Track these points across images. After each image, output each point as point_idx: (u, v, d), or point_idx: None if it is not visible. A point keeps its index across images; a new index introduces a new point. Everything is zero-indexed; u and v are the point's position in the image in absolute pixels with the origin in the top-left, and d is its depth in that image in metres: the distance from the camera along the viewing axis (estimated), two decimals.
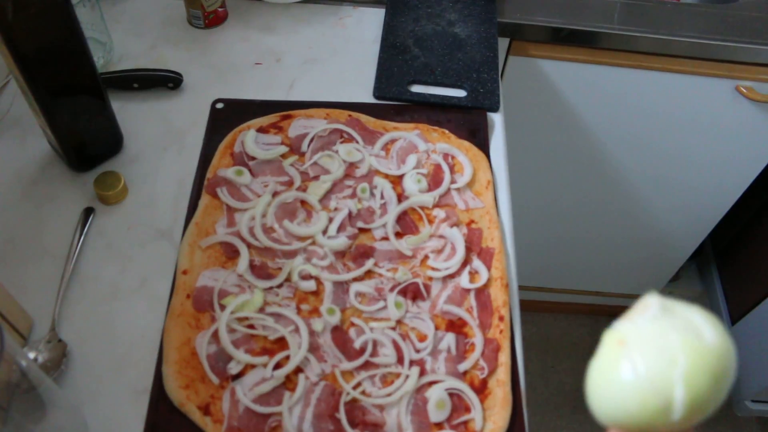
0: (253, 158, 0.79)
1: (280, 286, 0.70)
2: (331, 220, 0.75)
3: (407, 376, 0.64)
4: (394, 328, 0.68)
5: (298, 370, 0.64)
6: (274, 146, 0.80)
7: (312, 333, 0.66)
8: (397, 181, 0.79)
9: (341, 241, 0.73)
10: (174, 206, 0.77)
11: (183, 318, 0.66)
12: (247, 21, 1.00)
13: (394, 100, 0.88)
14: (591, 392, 0.32)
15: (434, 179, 0.79)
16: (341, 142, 0.82)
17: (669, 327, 0.30)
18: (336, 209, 0.76)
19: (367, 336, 0.67)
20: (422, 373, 0.65)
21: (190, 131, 0.85)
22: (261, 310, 0.67)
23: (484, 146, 0.83)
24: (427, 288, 0.71)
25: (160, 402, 0.61)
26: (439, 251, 0.73)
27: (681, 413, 0.29)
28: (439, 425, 0.62)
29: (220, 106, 0.86)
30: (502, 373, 0.64)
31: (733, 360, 0.30)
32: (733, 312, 1.59)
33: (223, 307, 0.67)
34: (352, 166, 0.80)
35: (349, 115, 0.84)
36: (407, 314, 0.69)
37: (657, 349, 0.29)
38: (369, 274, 0.72)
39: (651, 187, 1.36)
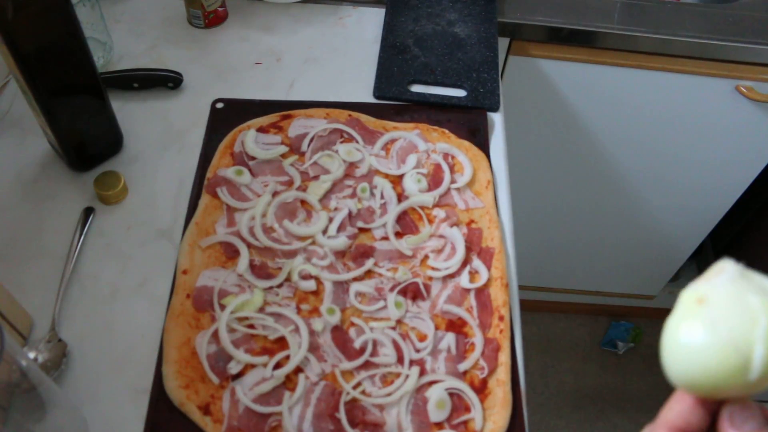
0: (253, 158, 0.79)
1: (280, 285, 0.70)
2: (331, 219, 0.75)
3: (407, 376, 0.64)
4: (394, 328, 0.68)
5: (298, 369, 0.64)
6: (274, 146, 0.80)
7: (312, 333, 0.66)
8: (397, 180, 0.79)
9: (341, 241, 0.73)
10: (174, 206, 0.77)
11: (183, 318, 0.66)
12: (247, 21, 1.00)
13: (394, 100, 0.88)
14: (666, 350, 0.32)
15: (434, 179, 0.79)
16: (341, 142, 0.82)
17: (747, 289, 0.30)
18: (336, 209, 0.76)
19: (367, 336, 0.67)
20: (422, 372, 0.65)
21: (190, 131, 0.85)
22: (261, 309, 0.67)
23: (484, 146, 0.83)
24: (427, 288, 0.71)
25: (160, 402, 0.61)
26: (439, 251, 0.73)
27: (759, 372, 0.29)
28: (439, 425, 0.62)
29: (220, 105, 0.86)
30: (502, 373, 0.64)
31: None
32: None
33: (223, 307, 0.67)
34: (352, 165, 0.80)
35: (349, 115, 0.84)
36: (407, 314, 0.69)
37: (737, 309, 0.29)
38: (369, 273, 0.72)
39: (651, 187, 1.36)
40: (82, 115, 0.76)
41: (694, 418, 0.32)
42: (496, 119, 0.88)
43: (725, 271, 0.31)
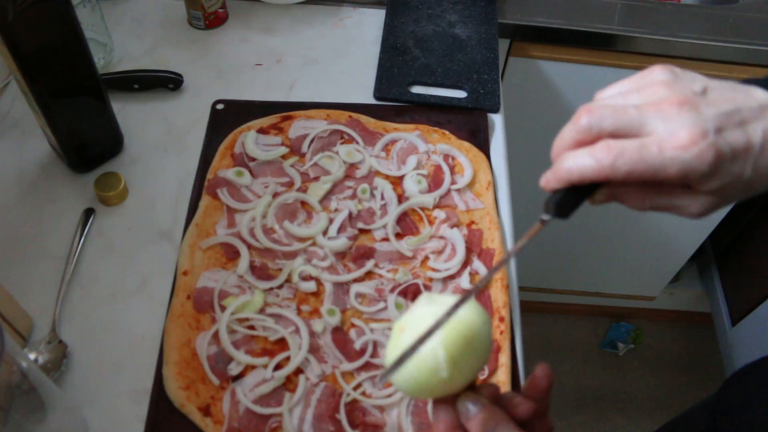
0: (254, 159, 0.79)
1: (280, 287, 0.70)
2: (331, 221, 0.75)
3: None
4: None
5: (299, 371, 0.64)
6: (275, 147, 0.80)
7: (312, 334, 0.66)
8: (397, 182, 0.79)
9: (341, 242, 0.73)
10: (174, 207, 0.77)
11: (183, 319, 0.66)
12: (247, 22, 1.00)
13: (394, 101, 0.88)
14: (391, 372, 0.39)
15: (434, 180, 0.79)
16: (341, 143, 0.82)
17: (432, 311, 0.39)
18: (336, 210, 0.76)
19: (367, 337, 0.66)
20: None
21: (190, 132, 0.85)
22: (261, 311, 0.67)
23: (484, 147, 0.83)
24: (428, 289, 0.71)
25: (160, 403, 0.61)
26: (440, 252, 0.73)
27: (447, 370, 0.38)
28: None
29: (220, 107, 0.86)
30: (503, 375, 0.64)
31: (483, 327, 0.39)
32: (733, 313, 1.58)
33: (223, 308, 0.67)
34: (352, 167, 0.80)
35: (350, 116, 0.84)
36: None
37: (423, 326, 0.38)
38: (369, 275, 0.72)
39: None
40: (83, 117, 0.76)
41: (449, 417, 0.40)
42: (497, 120, 0.88)
43: (419, 301, 0.41)
